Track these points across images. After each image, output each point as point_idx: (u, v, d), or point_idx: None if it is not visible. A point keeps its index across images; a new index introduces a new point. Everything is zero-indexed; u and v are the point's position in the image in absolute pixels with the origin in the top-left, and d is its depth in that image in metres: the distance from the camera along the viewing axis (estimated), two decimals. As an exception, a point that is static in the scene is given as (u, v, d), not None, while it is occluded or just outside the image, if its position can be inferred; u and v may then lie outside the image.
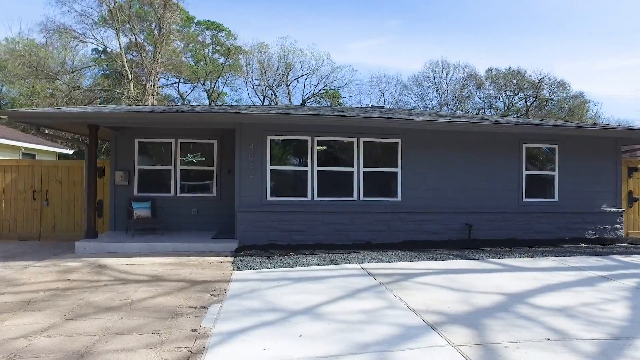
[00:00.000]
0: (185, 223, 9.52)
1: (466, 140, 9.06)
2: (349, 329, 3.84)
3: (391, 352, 3.31)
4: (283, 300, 4.74)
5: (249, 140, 8.43)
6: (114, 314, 4.33)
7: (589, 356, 3.24)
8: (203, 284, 5.61)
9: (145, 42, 28.56)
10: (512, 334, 3.67)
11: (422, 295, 4.87)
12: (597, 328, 3.85)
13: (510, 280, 5.64)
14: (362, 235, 8.57)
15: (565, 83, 45.02)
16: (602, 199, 9.47)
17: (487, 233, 8.94)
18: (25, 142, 14.35)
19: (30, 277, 6.02)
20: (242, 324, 3.97)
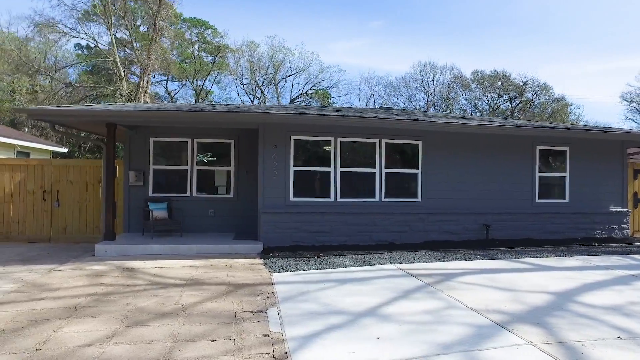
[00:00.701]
0: (201, 224, 9.36)
1: (483, 143, 9.25)
2: (422, 329, 3.88)
3: (476, 352, 3.36)
4: (340, 302, 4.73)
5: (272, 140, 8.36)
6: (173, 320, 4.22)
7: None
8: (246, 287, 5.53)
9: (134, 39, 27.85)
10: (582, 332, 3.78)
11: (474, 295, 4.96)
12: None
13: (548, 279, 5.80)
14: (384, 236, 8.63)
15: (547, 86, 46.45)
16: (609, 200, 9.83)
17: (503, 233, 9.15)
18: (20, 140, 13.80)
19: (61, 282, 5.80)
20: (311, 328, 3.94)
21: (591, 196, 9.72)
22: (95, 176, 9.15)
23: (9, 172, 8.83)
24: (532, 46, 62.70)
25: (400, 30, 63.11)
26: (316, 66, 48.20)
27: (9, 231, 8.85)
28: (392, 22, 62.85)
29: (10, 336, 3.82)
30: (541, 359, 3.23)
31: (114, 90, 22.47)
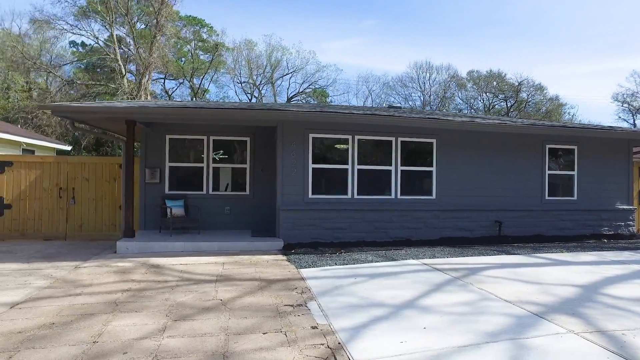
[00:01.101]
0: (217, 221, 9.42)
1: (494, 141, 9.43)
2: (464, 320, 4.01)
3: (523, 340, 3.50)
4: (376, 295, 4.85)
5: (291, 138, 8.45)
6: (218, 314, 4.29)
7: (699, 340, 3.55)
8: (278, 282, 5.62)
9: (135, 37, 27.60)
10: (618, 322, 3.94)
11: (503, 288, 5.11)
12: (683, 315, 4.19)
13: (569, 273, 5.98)
14: (400, 233, 8.78)
15: (542, 86, 47.12)
16: (615, 197, 10.09)
17: (515, 230, 9.35)
18: (25, 137, 13.70)
19: (92, 278, 5.84)
20: (357, 320, 4.06)
21: (598, 194, 9.97)
22: (110, 173, 9.15)
23: (25, 170, 8.78)
24: (525, 47, 63.43)
25: (394, 30, 63.53)
26: (313, 65, 48.26)
27: (24, 228, 8.81)
28: (386, 21, 63.24)
29: (63, 329, 3.87)
30: (587, 346, 3.38)
31: (115, 88, 22.29)
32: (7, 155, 9.20)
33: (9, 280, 5.71)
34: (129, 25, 23.14)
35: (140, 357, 3.28)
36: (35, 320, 4.13)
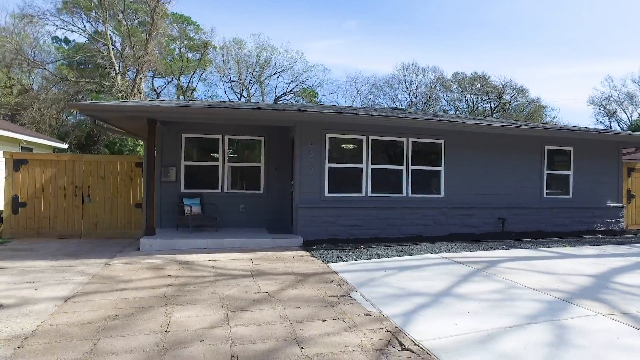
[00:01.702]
0: (232, 219, 9.60)
1: (498, 142, 9.94)
2: (501, 305, 4.40)
3: (559, 321, 3.90)
4: (411, 286, 5.20)
5: (308, 138, 8.72)
6: (271, 305, 4.54)
7: None
8: (313, 276, 5.90)
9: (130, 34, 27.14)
10: (637, 305, 4.40)
11: (524, 278, 5.54)
12: (689, 299, 4.70)
13: (578, 265, 6.48)
14: (412, 229, 9.17)
15: (524, 89, 48.72)
16: (607, 195, 10.78)
17: (517, 226, 9.89)
18: (24, 135, 13.49)
19: (128, 274, 5.98)
20: (403, 307, 4.39)
21: (591, 192, 10.63)
22: (126, 172, 9.21)
23: (40, 168, 8.76)
24: (506, 49, 65.31)
25: (378, 31, 64.47)
26: (301, 65, 48.46)
27: (39, 227, 8.79)
28: (370, 22, 64.10)
29: (129, 320, 4.05)
30: (617, 326, 3.81)
31: (110, 85, 21.97)
32: (22, 154, 9.16)
33: (47, 276, 5.80)
34: (125, 23, 22.82)
35: (218, 343, 3.52)
36: (96, 312, 4.29)
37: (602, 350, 3.30)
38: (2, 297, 4.76)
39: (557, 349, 3.30)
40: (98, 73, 24.34)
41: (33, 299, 4.75)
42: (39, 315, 4.21)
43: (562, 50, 65.47)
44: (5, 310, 4.35)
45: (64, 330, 3.79)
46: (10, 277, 5.70)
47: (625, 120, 51.72)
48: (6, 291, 5.04)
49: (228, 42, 42.68)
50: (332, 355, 3.28)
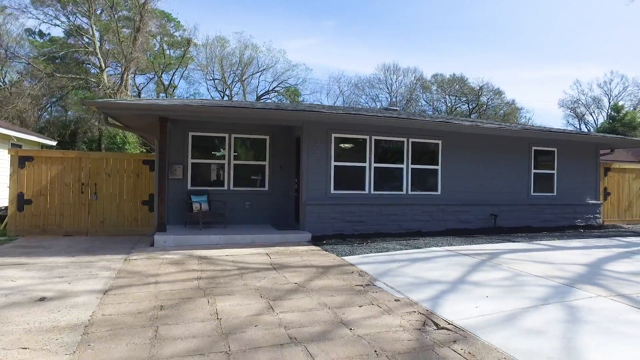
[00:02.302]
0: (238, 216, 9.82)
1: (490, 143, 10.57)
2: (513, 290, 4.89)
3: (568, 302, 4.41)
4: (428, 275, 5.64)
5: (315, 137, 9.05)
6: (305, 295, 4.85)
7: (691, 299, 4.65)
8: (332, 268, 6.24)
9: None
10: (629, 288, 4.99)
11: (527, 267, 6.08)
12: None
13: (570, 255, 7.11)
14: (412, 225, 9.66)
15: (500, 91, 50.58)
16: (586, 193, 11.62)
17: (507, 222, 10.56)
18: (15, 131, 13.20)
19: (153, 269, 6.14)
20: (427, 294, 4.81)
21: (573, 190, 11.45)
22: (133, 169, 9.27)
23: (46, 165, 8.71)
24: (482, 52, 67.48)
25: (356, 31, 65.44)
26: (282, 64, 48.51)
27: (45, 224, 8.74)
28: (346, 22, 65.04)
29: (177, 310, 4.29)
30: (616, 305, 4.36)
31: (96, 82, 21.50)
32: (28, 151, 9.06)
33: (73, 271, 5.90)
34: (114, 19, 22.34)
35: (272, 328, 3.82)
36: (140, 304, 4.49)
37: (609, 324, 3.81)
38: (41, 291, 4.88)
39: (573, 325, 3.79)
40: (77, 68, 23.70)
41: (72, 292, 4.89)
42: (86, 306, 4.38)
43: (535, 54, 68.30)
44: (50, 302, 4.50)
45: (118, 320, 3.99)
46: (37, 273, 5.77)
47: (592, 122, 54.59)
48: (41, 285, 5.15)
49: (211, 40, 42.30)
50: (379, 334, 3.65)
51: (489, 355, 3.20)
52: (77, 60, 31.58)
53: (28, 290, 4.89)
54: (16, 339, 3.49)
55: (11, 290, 4.86)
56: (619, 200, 12.76)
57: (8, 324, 3.83)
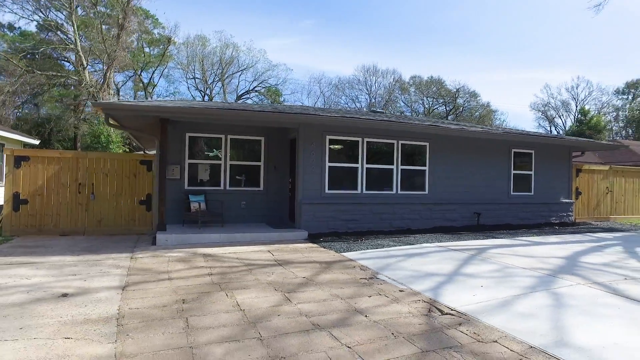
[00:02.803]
0: (234, 215, 10.05)
1: (474, 146, 11.21)
2: (504, 281, 5.40)
3: (553, 290, 4.96)
4: (425, 268, 6.10)
5: (310, 139, 9.40)
6: (316, 287, 5.20)
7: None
8: (335, 263, 6.62)
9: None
10: (603, 277, 5.60)
11: (513, 260, 6.65)
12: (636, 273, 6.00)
13: (549, 250, 7.76)
14: (401, 223, 10.16)
15: (476, 93, 52.32)
16: (560, 193, 12.47)
17: (489, 220, 11.23)
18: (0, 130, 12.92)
19: (162, 266, 6.34)
20: (427, 285, 5.26)
21: (548, 190, 12.26)
22: (130, 169, 9.35)
23: (42, 165, 8.67)
24: (458, 55, 69.53)
25: (334, 31, 66.35)
26: (263, 63, 48.55)
27: (41, 224, 8.71)
28: (325, 21, 65.91)
29: (199, 303, 4.55)
30: (594, 291, 4.93)
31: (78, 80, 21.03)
32: (24, 150, 8.98)
33: (84, 269, 6.03)
34: (97, 16, 21.88)
35: (294, 317, 4.16)
36: (162, 298, 4.73)
37: (589, 306, 4.36)
38: (60, 288, 5.03)
39: (558, 308, 4.32)
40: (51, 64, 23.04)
41: (90, 288, 5.07)
42: (109, 301, 4.58)
43: (508, 58, 70.86)
44: (73, 298, 4.67)
45: (147, 312, 4.23)
46: (48, 271, 5.88)
47: (561, 125, 57.24)
48: (57, 282, 5.29)
49: (192, 39, 41.91)
50: (392, 320, 4.05)
51: (491, 334, 3.66)
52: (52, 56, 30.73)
53: (47, 288, 5.03)
54: (56, 330, 3.70)
55: (30, 288, 5.00)
56: (588, 199, 13.72)
57: (42, 317, 4.02)
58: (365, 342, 3.50)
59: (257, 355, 3.25)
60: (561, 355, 3.21)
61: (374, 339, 3.56)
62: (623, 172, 14.54)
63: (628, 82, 51.25)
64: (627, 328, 3.79)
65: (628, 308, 4.34)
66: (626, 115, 50.58)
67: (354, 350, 3.35)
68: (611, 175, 14.20)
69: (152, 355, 3.23)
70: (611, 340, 3.47)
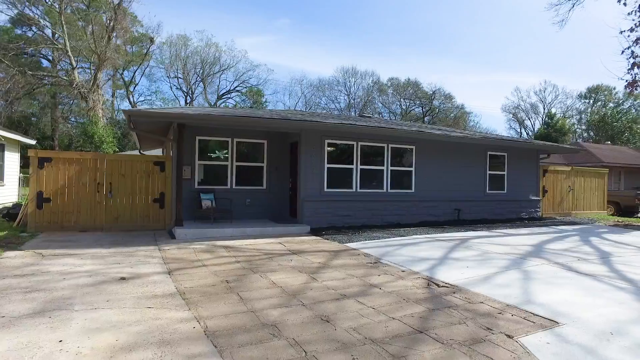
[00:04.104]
0: (240, 212, 10.93)
1: (454, 149, 12.52)
2: (484, 263, 6.60)
3: (522, 268, 6.18)
4: (419, 254, 7.24)
5: (311, 143, 10.41)
6: (334, 269, 6.25)
7: (594, 262, 6.62)
8: (341, 252, 7.67)
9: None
10: (562, 259, 6.90)
11: (490, 247, 7.89)
12: (590, 256, 7.35)
13: (520, 239, 9.08)
14: (391, 218, 11.33)
15: (451, 95, 54.62)
16: (529, 191, 13.98)
17: (468, 215, 12.57)
18: (2, 130, 13.25)
19: (191, 256, 7.21)
20: (424, 266, 6.38)
21: (519, 188, 13.74)
22: (145, 170, 10.06)
23: (64, 166, 9.29)
24: (426, 55, 72.27)
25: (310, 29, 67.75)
26: (244, 64, 49.16)
27: (63, 221, 9.32)
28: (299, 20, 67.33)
29: (240, 283, 5.49)
30: (554, 268, 6.19)
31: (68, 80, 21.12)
32: (47, 152, 9.53)
33: (124, 259, 6.82)
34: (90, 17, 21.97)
35: (323, 290, 5.17)
36: (207, 279, 5.64)
37: (550, 279, 5.59)
38: (115, 273, 5.84)
39: (527, 280, 5.53)
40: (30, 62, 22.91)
41: (141, 273, 5.91)
42: (164, 283, 5.46)
43: (480, 61, 73.94)
44: (132, 280, 5.52)
45: (201, 290, 5.15)
46: (93, 261, 6.65)
47: (530, 127, 60.48)
48: (109, 269, 6.08)
49: (174, 39, 41.96)
50: (401, 291, 5.14)
51: (478, 298, 4.80)
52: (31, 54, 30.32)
53: (103, 273, 5.84)
54: (136, 302, 4.57)
55: (89, 273, 5.79)
56: (553, 197, 15.35)
57: (116, 294, 4.87)
58: (384, 305, 4.56)
59: (306, 315, 4.25)
60: (527, 309, 4.38)
61: (391, 303, 4.63)
62: (583, 172, 16.30)
63: (589, 87, 54.86)
64: (575, 291, 5.02)
65: (577, 279, 5.61)
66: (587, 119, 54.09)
67: (377, 310, 4.41)
68: (573, 175, 15.91)
69: (224, 317, 4.18)
70: (563, 299, 4.68)
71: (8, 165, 14.13)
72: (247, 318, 4.15)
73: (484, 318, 4.15)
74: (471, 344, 3.50)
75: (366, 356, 3.28)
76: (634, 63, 13.11)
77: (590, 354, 3.31)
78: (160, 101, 42.64)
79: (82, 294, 4.84)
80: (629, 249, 8.18)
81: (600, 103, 54.24)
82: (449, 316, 4.21)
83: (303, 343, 3.52)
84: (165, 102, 42.36)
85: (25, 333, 3.63)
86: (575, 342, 3.52)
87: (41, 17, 21.78)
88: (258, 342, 3.54)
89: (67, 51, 22.24)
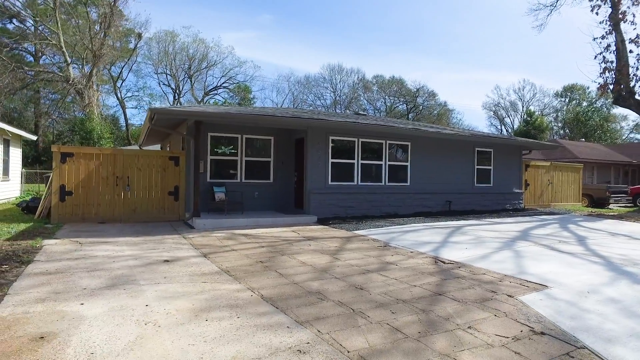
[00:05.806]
0: (249, 204, 11.62)
1: (446, 145, 13.50)
2: (480, 245, 7.54)
3: (513, 249, 7.15)
4: (422, 238, 8.14)
5: (317, 139, 11.18)
6: (350, 252, 7.06)
7: (572, 244, 7.66)
8: (352, 237, 8.49)
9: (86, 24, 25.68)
10: (546, 242, 7.91)
11: (483, 233, 8.86)
12: (569, 239, 8.41)
13: (508, 226, 10.11)
14: (389, 209, 12.23)
15: (435, 93, 56.16)
16: (513, 184, 15.14)
17: (458, 206, 13.60)
18: (8, 126, 13.48)
19: (217, 242, 7.89)
20: (429, 248, 7.28)
21: (504, 181, 14.87)
22: (161, 164, 10.62)
23: (84, 160, 9.76)
24: (409, 53, 73.81)
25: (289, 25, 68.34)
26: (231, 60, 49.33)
27: (84, 213, 9.80)
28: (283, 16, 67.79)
29: (272, 263, 6.23)
30: (540, 248, 7.18)
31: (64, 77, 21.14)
32: (68, 147, 9.97)
33: (156, 246, 7.44)
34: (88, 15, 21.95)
35: (348, 267, 5.98)
36: (241, 261, 6.36)
37: (537, 256, 6.57)
38: (155, 257, 6.48)
39: (519, 257, 6.49)
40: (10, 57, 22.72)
41: (180, 257, 6.57)
42: (204, 264, 6.15)
43: (462, 59, 75.91)
44: (174, 262, 6.18)
45: (241, 268, 5.87)
46: (129, 247, 7.26)
47: (510, 124, 62.71)
48: (149, 253, 6.71)
49: (162, 35, 41.78)
50: (414, 267, 6.00)
51: (480, 271, 5.71)
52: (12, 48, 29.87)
53: (145, 257, 6.47)
54: (190, 278, 5.27)
55: (132, 257, 6.42)
56: (534, 190, 16.59)
57: (169, 272, 5.55)
58: (403, 277, 5.41)
59: (341, 285, 5.05)
60: (522, 277, 5.31)
61: (409, 275, 5.49)
62: (560, 167, 17.62)
63: (565, 86, 57.33)
64: (558, 265, 6.00)
65: (560, 256, 6.61)
66: (563, 117, 56.56)
67: (399, 280, 5.25)
68: (552, 170, 17.20)
69: (273, 288, 4.93)
70: (549, 270, 5.64)
71: (12, 160, 14.35)
72: (292, 288, 4.91)
73: (488, 285, 5.04)
74: (482, 302, 4.38)
75: (402, 310, 4.11)
76: (605, 67, 14.37)
77: (573, 306, 4.23)
78: (148, 97, 42.48)
79: (138, 272, 5.51)
80: (600, 233, 9.31)
81: (575, 102, 56.78)
82: (459, 284, 5.09)
83: (347, 304, 4.32)
84: (153, 98, 42.24)
85: (114, 299, 4.31)
86: (561, 298, 4.45)
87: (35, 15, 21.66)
88: (310, 304, 4.32)
89: (61, 47, 22.19)
